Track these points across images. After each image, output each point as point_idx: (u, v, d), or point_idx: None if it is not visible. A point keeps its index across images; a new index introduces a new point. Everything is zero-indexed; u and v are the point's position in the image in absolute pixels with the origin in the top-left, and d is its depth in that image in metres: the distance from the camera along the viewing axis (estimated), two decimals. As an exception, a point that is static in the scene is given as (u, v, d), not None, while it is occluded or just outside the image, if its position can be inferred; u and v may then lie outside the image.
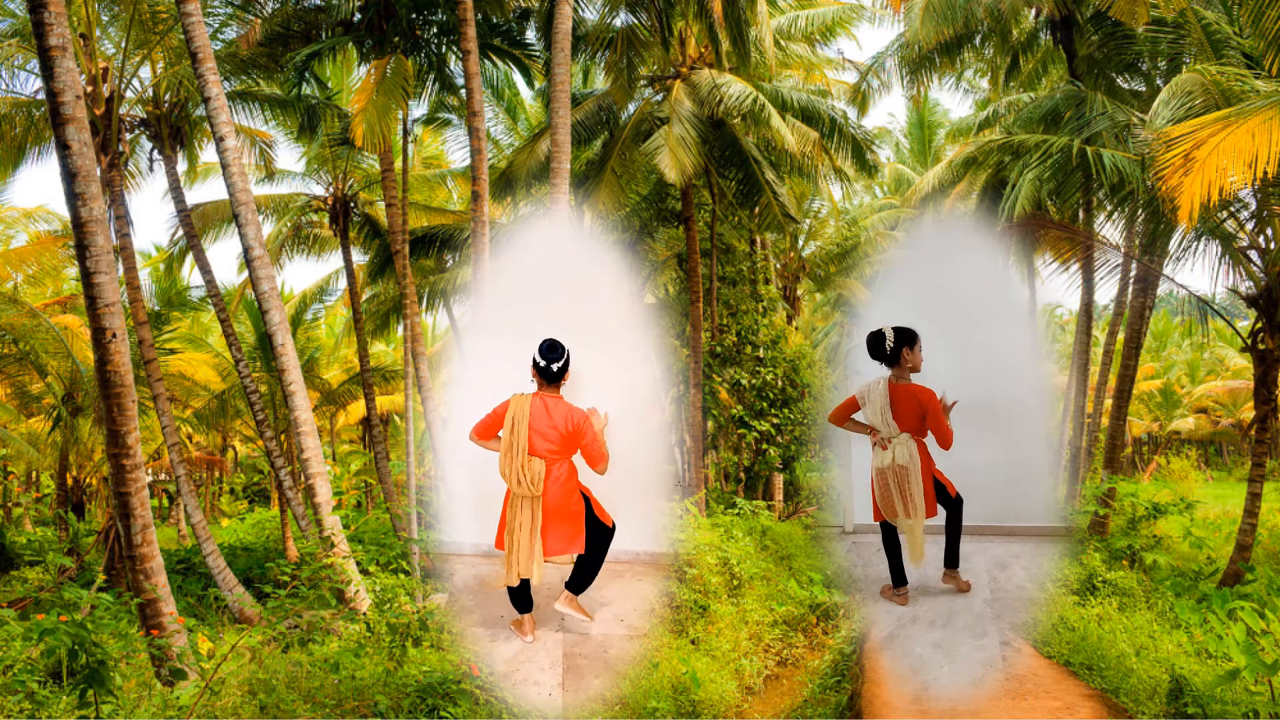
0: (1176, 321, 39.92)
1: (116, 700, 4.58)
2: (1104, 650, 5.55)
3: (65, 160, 6.40)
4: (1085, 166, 10.18)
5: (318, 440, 9.20)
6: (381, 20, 13.29)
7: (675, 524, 8.15)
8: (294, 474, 14.58)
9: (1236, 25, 10.80)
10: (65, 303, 19.13)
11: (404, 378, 15.46)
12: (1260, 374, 10.00)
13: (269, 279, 9.11)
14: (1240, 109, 7.48)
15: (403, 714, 4.77)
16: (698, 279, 15.90)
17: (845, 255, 21.48)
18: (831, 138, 15.72)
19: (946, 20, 14.96)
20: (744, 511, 10.95)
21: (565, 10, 10.66)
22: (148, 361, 13.30)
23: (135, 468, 6.84)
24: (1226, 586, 9.20)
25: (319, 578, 5.57)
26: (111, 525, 14.00)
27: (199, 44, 8.78)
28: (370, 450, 24.86)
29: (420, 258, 18.44)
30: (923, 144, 26.70)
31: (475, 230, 10.80)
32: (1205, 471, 35.88)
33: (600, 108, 15.82)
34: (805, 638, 7.63)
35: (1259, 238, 9.92)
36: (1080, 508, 12.72)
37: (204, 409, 20.98)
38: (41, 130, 13.61)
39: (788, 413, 16.74)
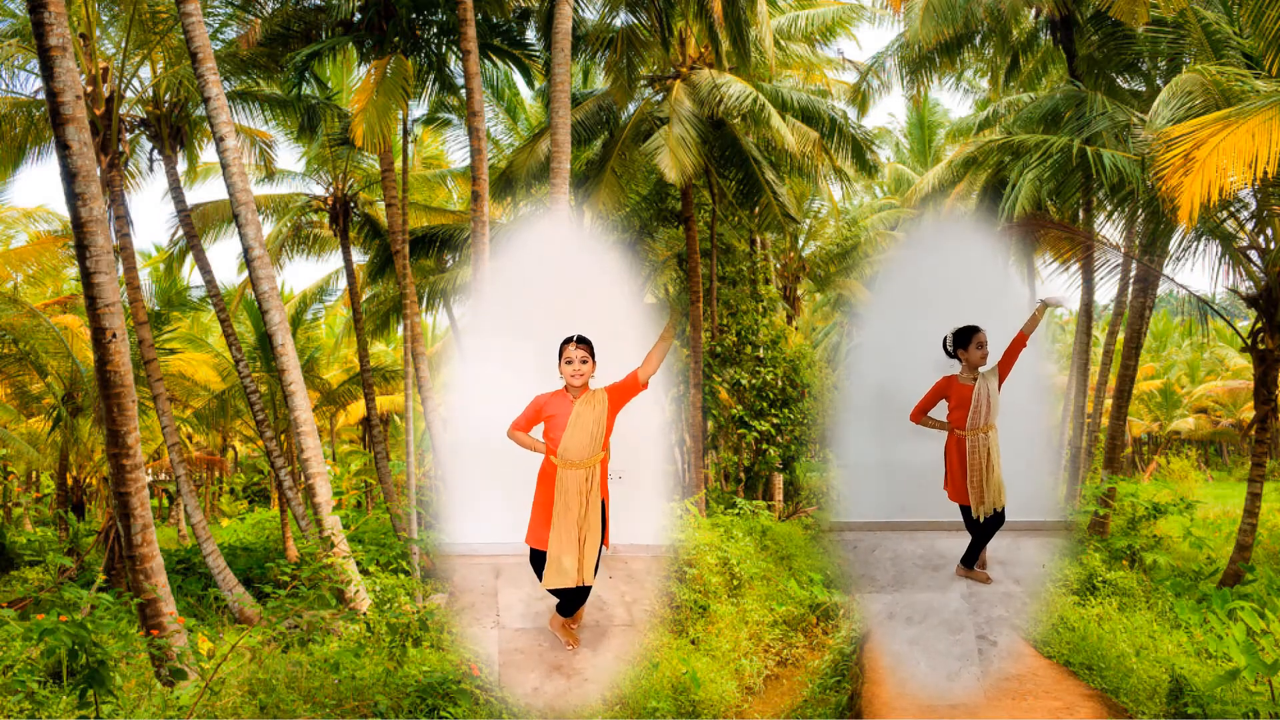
0: (1176, 321, 39.92)
1: (116, 700, 4.58)
2: (1104, 650, 5.56)
3: (65, 160, 6.40)
4: (1085, 166, 10.18)
5: (318, 440, 9.20)
6: (381, 20, 13.29)
7: (675, 524, 8.16)
8: (294, 474, 14.58)
9: (1236, 25, 10.80)
10: (65, 303, 19.12)
11: (404, 378, 15.46)
12: (1260, 374, 10.00)
13: (269, 279, 9.10)
14: (1240, 109, 7.48)
15: (403, 714, 4.77)
16: (698, 279, 15.90)
17: (845, 255, 21.49)
18: (831, 138, 15.72)
19: (946, 20, 14.96)
20: (744, 511, 10.96)
21: (565, 10, 10.66)
22: (148, 361, 13.30)
23: (135, 468, 6.84)
24: (1226, 586, 9.20)
25: (319, 578, 5.57)
26: (111, 525, 14.00)
27: (199, 44, 8.78)
28: (370, 450, 24.87)
29: (420, 258, 18.44)
30: (923, 144, 26.70)
31: (475, 230, 10.80)
32: (1205, 471, 35.88)
33: (600, 108, 15.82)
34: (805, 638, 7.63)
35: (1259, 238, 9.92)
36: (1080, 507, 12.73)
37: (204, 409, 20.97)
38: (41, 130, 13.60)
39: (788, 413, 16.74)
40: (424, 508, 14.71)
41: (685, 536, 7.94)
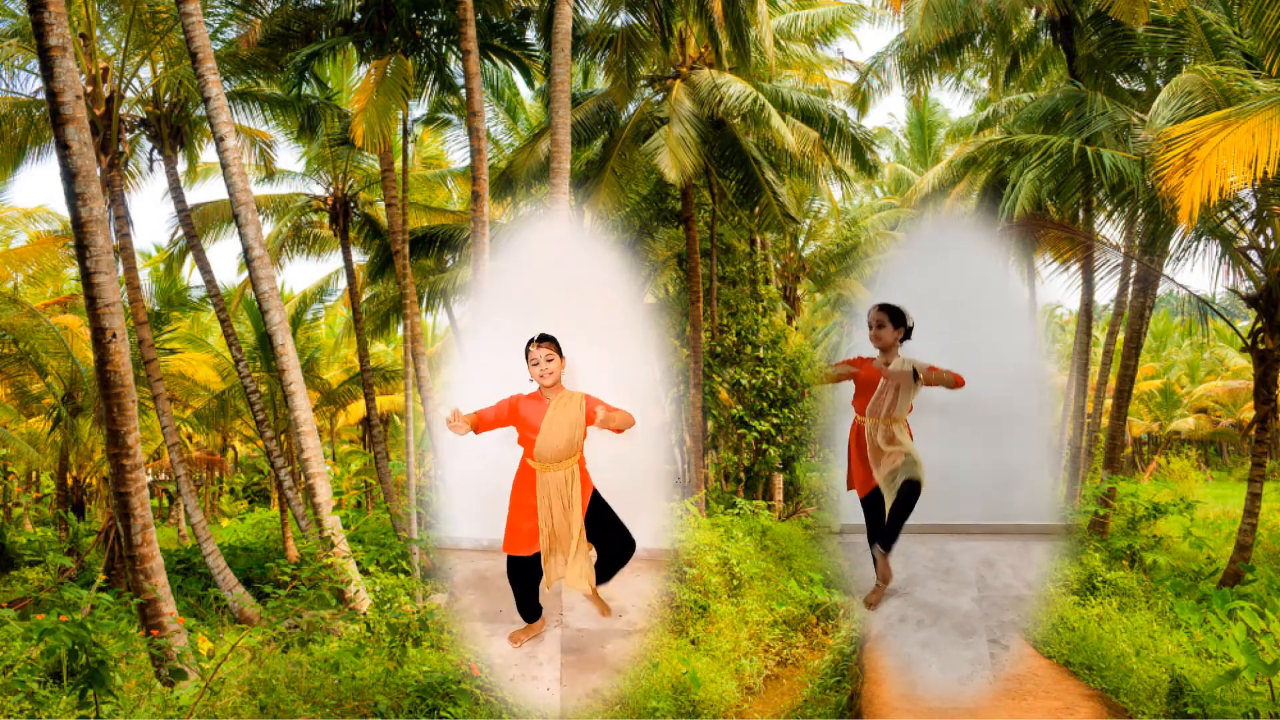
0: (1176, 321, 39.90)
1: (116, 700, 4.58)
2: (1104, 650, 5.56)
3: (65, 160, 6.40)
4: (1085, 166, 10.18)
5: (318, 440, 9.20)
6: (381, 20, 13.29)
7: (675, 524, 8.15)
8: (294, 474, 14.58)
9: (1236, 25, 10.80)
10: (65, 303, 19.12)
11: (404, 378, 15.46)
12: (1260, 374, 10.00)
13: (269, 279, 9.10)
14: (1240, 109, 7.48)
15: (403, 714, 4.77)
16: (698, 279, 15.90)
17: (845, 255, 21.49)
18: (831, 138, 15.72)
19: (946, 20, 14.97)
20: (744, 511, 10.97)
21: (565, 10, 10.66)
22: (148, 361, 13.30)
23: (135, 468, 6.84)
24: (1226, 586, 9.20)
25: (319, 578, 5.57)
26: (111, 525, 14.00)
27: (199, 44, 8.78)
28: (370, 450, 24.86)
29: (420, 258, 18.44)
30: (923, 144, 26.70)
31: (475, 230, 10.80)
32: (1205, 471, 35.88)
33: (600, 108, 15.82)
34: (805, 638, 7.63)
35: (1259, 238, 9.92)
36: (1080, 508, 12.73)
37: (204, 409, 20.97)
38: (41, 130, 13.60)
39: (788, 413, 16.74)
40: (424, 508, 14.71)
41: (685, 536, 7.94)
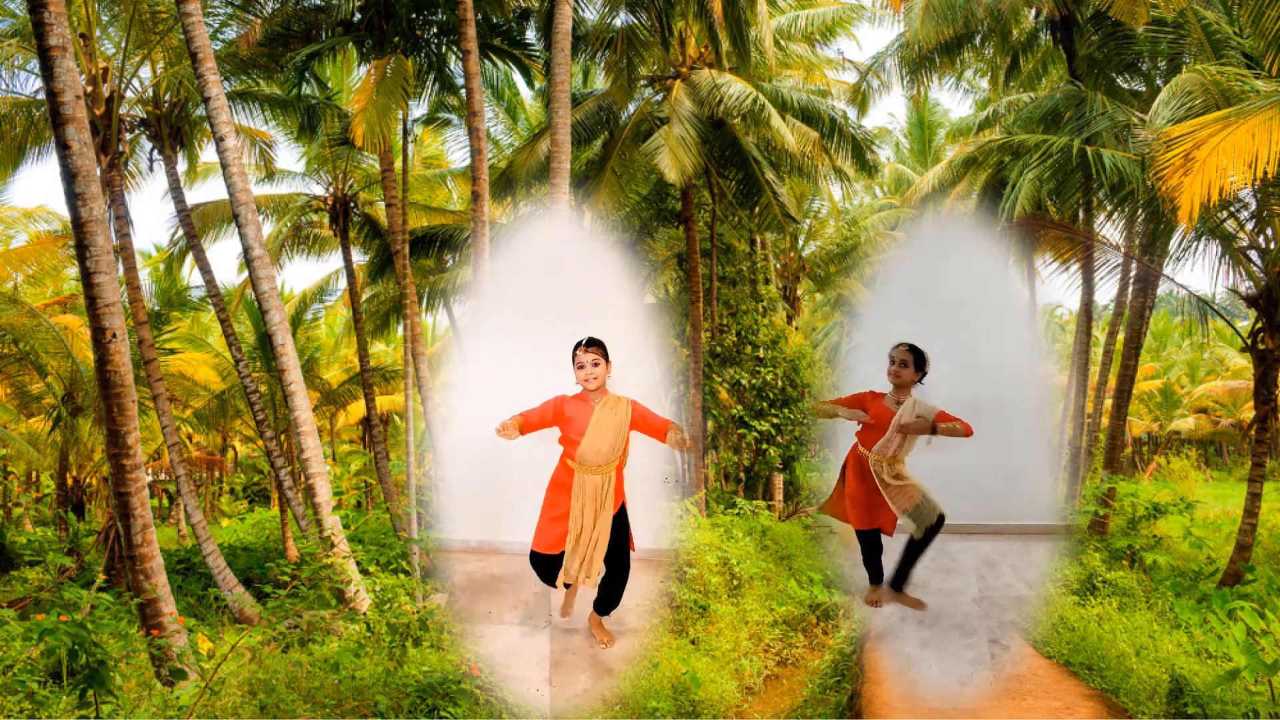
0: (1176, 321, 39.90)
1: (116, 700, 4.58)
2: (1104, 650, 5.56)
3: (65, 160, 6.40)
4: (1085, 166, 10.19)
5: (318, 440, 9.20)
6: (381, 20, 13.30)
7: (675, 524, 8.15)
8: (294, 474, 14.57)
9: (1236, 25, 10.80)
10: (65, 303, 19.13)
11: (404, 378, 15.46)
12: (1260, 374, 10.00)
13: (269, 279, 9.10)
14: (1240, 109, 7.48)
15: (403, 714, 4.77)
16: (698, 279, 15.90)
17: (845, 255, 21.49)
18: (831, 138, 15.72)
19: (946, 20, 14.97)
20: (744, 511, 10.97)
21: (565, 10, 10.66)
22: (148, 361, 13.30)
23: (135, 468, 6.84)
24: (1226, 586, 9.20)
25: (319, 578, 5.56)
26: (111, 525, 14.00)
27: (199, 44, 8.78)
28: (370, 450, 24.86)
29: (420, 258, 18.44)
30: (923, 144, 26.70)
31: (475, 230, 10.80)
32: (1205, 471, 35.88)
33: (600, 108, 15.82)
34: (805, 638, 7.63)
35: (1259, 238, 9.92)
36: (1080, 508, 12.73)
37: (204, 409, 20.97)
38: (41, 130, 13.60)
39: (788, 413, 16.73)
40: (424, 508, 14.71)
41: (685, 536, 7.94)
